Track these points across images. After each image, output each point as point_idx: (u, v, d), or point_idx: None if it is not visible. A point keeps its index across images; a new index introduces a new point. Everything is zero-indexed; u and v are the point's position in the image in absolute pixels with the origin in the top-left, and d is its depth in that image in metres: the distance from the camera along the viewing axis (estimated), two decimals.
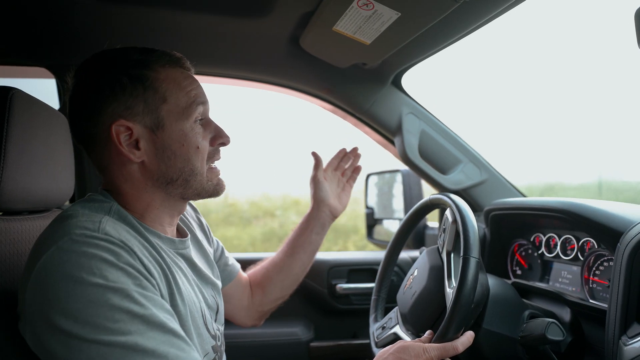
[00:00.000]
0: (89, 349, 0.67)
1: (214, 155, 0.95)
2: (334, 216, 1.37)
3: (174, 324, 0.77)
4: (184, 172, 0.90)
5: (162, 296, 0.81)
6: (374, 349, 1.25)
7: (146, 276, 0.78)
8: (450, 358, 0.97)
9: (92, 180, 1.62)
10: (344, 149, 1.44)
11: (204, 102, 0.93)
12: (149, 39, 1.50)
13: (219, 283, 1.12)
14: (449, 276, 1.10)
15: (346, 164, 1.44)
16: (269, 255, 1.41)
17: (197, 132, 0.91)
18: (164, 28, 1.45)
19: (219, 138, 0.95)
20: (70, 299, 0.69)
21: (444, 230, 1.18)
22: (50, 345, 0.69)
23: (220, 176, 0.98)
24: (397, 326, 1.22)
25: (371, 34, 1.27)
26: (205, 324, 0.95)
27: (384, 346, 1.21)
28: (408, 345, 0.94)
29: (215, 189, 0.96)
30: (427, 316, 1.13)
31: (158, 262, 0.84)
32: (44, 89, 1.66)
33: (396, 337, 1.20)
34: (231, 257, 1.31)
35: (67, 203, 1.36)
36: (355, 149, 1.44)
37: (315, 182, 1.36)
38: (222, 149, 0.99)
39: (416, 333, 1.16)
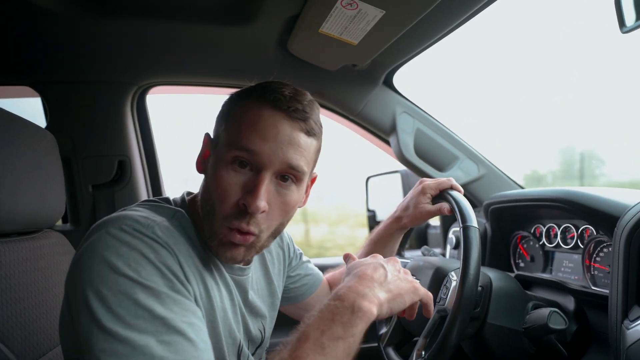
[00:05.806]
0: (104, 338, 0.66)
1: (232, 215, 0.80)
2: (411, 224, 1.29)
3: (198, 334, 0.73)
4: (207, 203, 0.83)
5: (197, 304, 0.79)
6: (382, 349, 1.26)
7: (182, 281, 0.75)
8: None
9: (84, 198, 1.58)
10: None
11: (249, 151, 0.79)
12: (134, 51, 1.49)
13: (273, 314, 1.10)
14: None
15: None
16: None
17: (228, 174, 0.80)
18: (150, 40, 1.44)
19: (243, 198, 0.79)
20: (102, 282, 0.69)
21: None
22: (80, 322, 0.68)
23: (234, 248, 0.81)
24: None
25: (358, 33, 1.27)
26: (239, 353, 0.94)
27: (392, 344, 1.23)
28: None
29: (217, 249, 0.82)
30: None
31: (201, 275, 0.82)
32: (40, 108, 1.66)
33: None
34: (313, 267, 1.26)
35: (59, 222, 1.33)
36: None
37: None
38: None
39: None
